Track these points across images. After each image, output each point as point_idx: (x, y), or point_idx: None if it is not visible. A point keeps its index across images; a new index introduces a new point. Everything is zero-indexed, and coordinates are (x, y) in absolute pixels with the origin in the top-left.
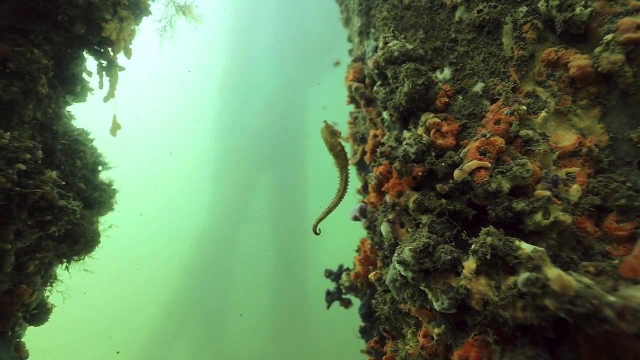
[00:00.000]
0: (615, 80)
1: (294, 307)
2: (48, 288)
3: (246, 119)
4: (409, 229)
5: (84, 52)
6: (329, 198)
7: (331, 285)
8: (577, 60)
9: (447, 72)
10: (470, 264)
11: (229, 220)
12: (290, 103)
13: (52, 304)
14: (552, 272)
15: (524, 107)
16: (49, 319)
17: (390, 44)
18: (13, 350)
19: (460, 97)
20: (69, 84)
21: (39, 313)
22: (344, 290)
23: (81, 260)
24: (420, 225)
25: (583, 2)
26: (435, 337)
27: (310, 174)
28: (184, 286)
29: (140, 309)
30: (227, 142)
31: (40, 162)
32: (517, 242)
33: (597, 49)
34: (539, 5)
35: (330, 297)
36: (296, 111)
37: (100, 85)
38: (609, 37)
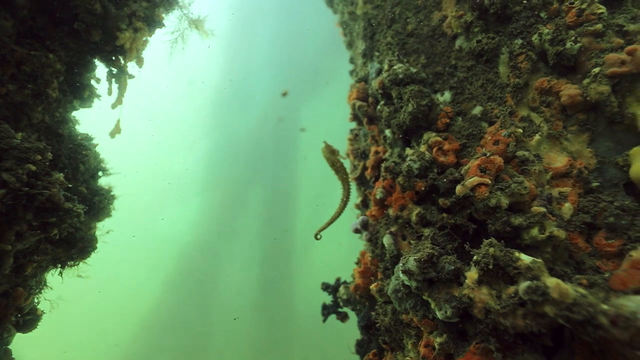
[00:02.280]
0: (603, 109)
1: (280, 321)
2: (37, 294)
3: (237, 132)
4: (411, 241)
5: (96, 59)
6: (319, 213)
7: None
8: (568, 90)
9: (447, 95)
10: (472, 274)
11: (216, 234)
12: (282, 117)
13: (42, 311)
14: (551, 281)
15: (520, 130)
16: (37, 326)
17: (395, 67)
18: (2, 356)
19: (460, 119)
20: (78, 90)
21: (31, 320)
22: (341, 304)
23: (75, 266)
24: (423, 238)
25: (573, 38)
26: (437, 347)
27: (301, 189)
28: (166, 300)
29: (120, 322)
30: (217, 156)
31: (48, 164)
32: (516, 254)
33: (586, 80)
34: (533, 38)
35: (327, 310)
36: (287, 126)
37: (109, 92)
38: (596, 70)
